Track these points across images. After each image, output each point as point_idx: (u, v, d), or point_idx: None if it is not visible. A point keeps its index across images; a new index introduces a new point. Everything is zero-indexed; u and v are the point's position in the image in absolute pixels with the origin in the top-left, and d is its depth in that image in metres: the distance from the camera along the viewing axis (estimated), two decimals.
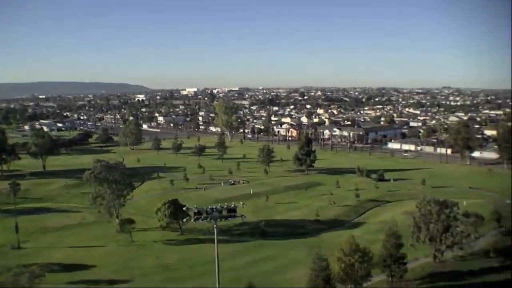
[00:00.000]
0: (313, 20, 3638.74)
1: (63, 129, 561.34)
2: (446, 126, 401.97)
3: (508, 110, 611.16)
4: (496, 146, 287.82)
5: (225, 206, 79.35)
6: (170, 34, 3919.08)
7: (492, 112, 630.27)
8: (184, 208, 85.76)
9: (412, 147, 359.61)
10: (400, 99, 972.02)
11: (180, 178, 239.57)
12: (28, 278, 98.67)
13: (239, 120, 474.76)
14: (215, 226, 78.44)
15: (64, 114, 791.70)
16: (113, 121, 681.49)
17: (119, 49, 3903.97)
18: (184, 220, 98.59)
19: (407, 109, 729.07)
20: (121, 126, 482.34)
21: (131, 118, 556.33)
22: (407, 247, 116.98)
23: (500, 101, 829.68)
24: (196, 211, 77.55)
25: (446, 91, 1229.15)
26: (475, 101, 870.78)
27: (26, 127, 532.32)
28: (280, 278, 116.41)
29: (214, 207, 78.05)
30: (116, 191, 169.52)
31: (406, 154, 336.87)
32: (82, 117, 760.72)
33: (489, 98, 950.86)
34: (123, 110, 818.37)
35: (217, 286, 79.70)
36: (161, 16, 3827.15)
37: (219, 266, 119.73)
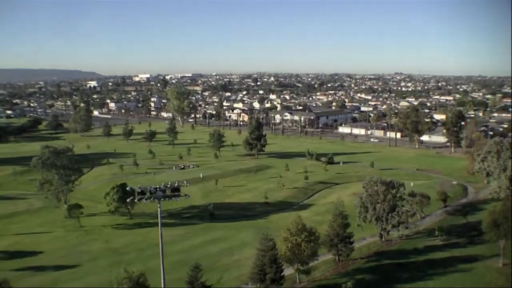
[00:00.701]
0: (267, 5, 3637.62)
1: (12, 116, 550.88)
2: (396, 111, 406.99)
3: (457, 95, 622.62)
4: (444, 130, 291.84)
5: (168, 185, 78.48)
6: (123, 20, 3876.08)
7: (443, 97, 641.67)
8: (127, 188, 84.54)
9: (363, 131, 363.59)
10: (353, 85, 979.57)
11: (130, 164, 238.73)
12: None
13: (190, 106, 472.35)
14: (158, 206, 77.72)
15: (14, 101, 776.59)
16: (64, 108, 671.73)
17: (71, 35, 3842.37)
18: (128, 200, 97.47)
19: (359, 95, 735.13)
20: (72, 112, 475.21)
21: (82, 104, 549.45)
22: (354, 227, 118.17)
23: (450, 87, 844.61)
24: (139, 191, 76.62)
25: (398, 77, 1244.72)
26: (426, 87, 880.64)
27: None
28: (227, 260, 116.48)
29: (157, 186, 77.27)
30: (64, 176, 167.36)
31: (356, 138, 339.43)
32: (32, 104, 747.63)
33: (439, 84, 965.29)
34: (74, 96, 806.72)
35: (162, 267, 78.63)
36: (113, 4, 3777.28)
37: (167, 249, 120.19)
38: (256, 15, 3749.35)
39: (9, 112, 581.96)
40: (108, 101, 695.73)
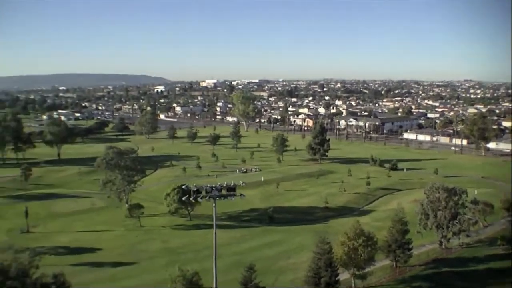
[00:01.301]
0: (334, 12, 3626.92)
1: (80, 118, 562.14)
2: (463, 118, 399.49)
3: None
4: None
5: (224, 185, 78.40)
6: (191, 27, 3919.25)
7: None
8: (183, 187, 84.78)
9: (428, 138, 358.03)
10: (420, 92, 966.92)
11: (193, 166, 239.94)
12: (28, 256, 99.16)
13: (255, 110, 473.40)
14: (214, 205, 77.74)
15: (83, 104, 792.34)
16: (130, 111, 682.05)
17: (141, 41, 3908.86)
18: (183, 198, 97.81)
19: (426, 101, 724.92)
20: (138, 116, 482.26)
21: (148, 108, 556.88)
22: (414, 234, 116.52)
23: None
24: (195, 189, 76.76)
25: (467, 84, 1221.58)
26: (495, 94, 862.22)
27: (44, 117, 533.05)
28: (283, 263, 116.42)
29: (213, 185, 77.29)
30: (127, 177, 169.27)
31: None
32: (100, 108, 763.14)
33: (510, 91, 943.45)
34: (141, 100, 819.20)
35: (214, 267, 78.64)
36: (182, 9, 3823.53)
37: (224, 250, 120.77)
38: (323, 22, 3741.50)
39: (77, 114, 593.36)
40: (175, 105, 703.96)
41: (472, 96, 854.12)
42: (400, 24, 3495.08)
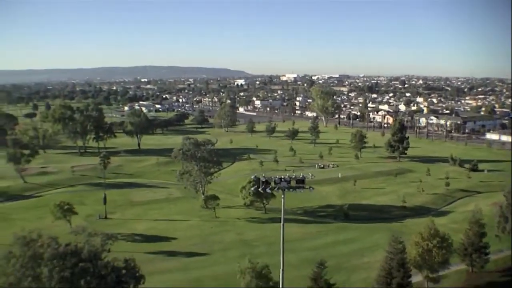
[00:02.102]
0: (418, 9, 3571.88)
1: (160, 110, 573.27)
2: None
3: None
4: None
5: (293, 177, 77.69)
6: (273, 21, 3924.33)
7: None
8: (252, 177, 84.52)
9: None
10: (504, 90, 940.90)
11: (270, 160, 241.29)
12: (101, 239, 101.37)
13: (335, 106, 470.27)
14: (282, 196, 77.22)
15: (164, 96, 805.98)
16: (210, 104, 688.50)
17: (223, 35, 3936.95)
18: (252, 189, 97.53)
19: (510, 100, 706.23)
20: (218, 109, 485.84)
21: (228, 101, 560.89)
22: (493, 237, 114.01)
23: None
24: (264, 180, 76.42)
25: None
26: None
27: (126, 108, 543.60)
28: (357, 261, 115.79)
29: (282, 177, 76.69)
30: (203, 168, 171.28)
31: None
32: (180, 100, 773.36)
33: None
34: (221, 93, 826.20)
35: (282, 260, 78.11)
36: (265, 3, 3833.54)
37: (298, 245, 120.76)
38: (405, 19, 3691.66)
39: (158, 106, 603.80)
40: (254, 98, 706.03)
41: None
42: (482, 17, 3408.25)
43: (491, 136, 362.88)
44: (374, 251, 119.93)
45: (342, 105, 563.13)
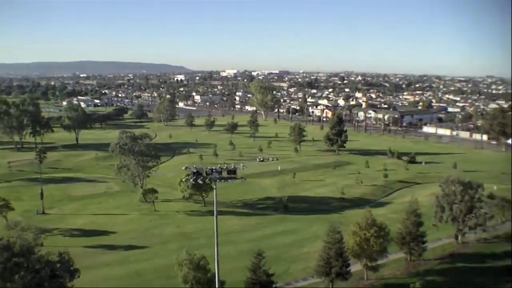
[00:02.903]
0: (357, 6, 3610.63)
1: (99, 105, 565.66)
2: (483, 112, 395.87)
3: None
4: None
5: (224, 167, 76.97)
6: (213, 16, 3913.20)
7: None
8: (183, 168, 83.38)
9: (448, 132, 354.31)
10: (441, 86, 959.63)
11: (210, 154, 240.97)
12: (33, 234, 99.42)
13: (274, 100, 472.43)
14: (214, 187, 76.56)
15: (103, 91, 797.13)
16: (150, 99, 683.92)
17: (162, 30, 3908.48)
18: (183, 179, 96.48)
19: (447, 96, 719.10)
20: (157, 103, 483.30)
21: (167, 96, 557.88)
22: (430, 227, 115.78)
23: None
24: (195, 171, 75.53)
25: (490, 80, 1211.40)
26: None
27: (64, 103, 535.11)
28: (296, 251, 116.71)
29: (213, 168, 75.89)
30: (141, 162, 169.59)
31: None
32: (120, 95, 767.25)
33: None
34: (161, 89, 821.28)
35: (216, 252, 77.52)
36: (205, 1, 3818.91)
37: (237, 237, 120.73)
38: (345, 15, 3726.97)
39: (97, 101, 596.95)
40: (194, 93, 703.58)
41: (494, 91, 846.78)
42: (422, 17, 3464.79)
43: (428, 129, 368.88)
44: (313, 241, 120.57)
45: (282, 100, 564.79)
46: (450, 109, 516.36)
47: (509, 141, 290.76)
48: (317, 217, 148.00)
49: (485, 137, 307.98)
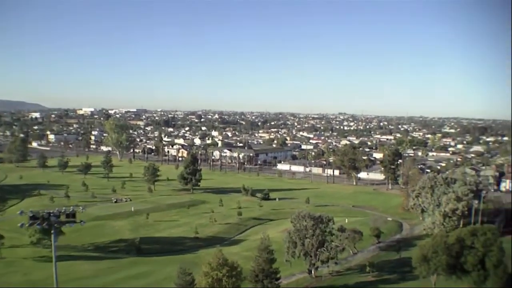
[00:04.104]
0: (214, 43, 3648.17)
1: None
2: (334, 149, 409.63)
3: (398, 135, 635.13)
4: (382, 168, 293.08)
5: (63, 211, 73.79)
6: (69, 52, 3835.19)
7: (384, 136, 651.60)
8: (18, 213, 79.74)
9: (301, 169, 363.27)
10: (296, 123, 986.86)
11: (61, 196, 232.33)
12: None
13: (129, 139, 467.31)
14: (53, 232, 73.23)
15: None
16: (2, 138, 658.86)
17: (16, 66, 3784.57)
18: (19, 225, 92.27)
19: (301, 133, 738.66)
20: (8, 143, 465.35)
21: (21, 135, 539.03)
22: (283, 262, 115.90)
23: (392, 127, 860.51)
24: (31, 215, 71.89)
25: (342, 117, 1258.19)
26: (368, 127, 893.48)
27: None
28: None
29: (51, 211, 72.62)
30: None
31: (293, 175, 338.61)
32: None
33: (381, 124, 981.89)
34: (15, 127, 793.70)
35: None
36: (59, 33, 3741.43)
37: (90, 283, 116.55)
38: (201, 51, 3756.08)
39: None
40: (48, 132, 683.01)
41: (346, 128, 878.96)
42: (276, 57, 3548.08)
43: (282, 166, 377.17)
44: (168, 283, 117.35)
45: (138, 139, 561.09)
46: (303, 146, 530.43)
47: (359, 175, 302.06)
48: (171, 258, 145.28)
49: (336, 172, 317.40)
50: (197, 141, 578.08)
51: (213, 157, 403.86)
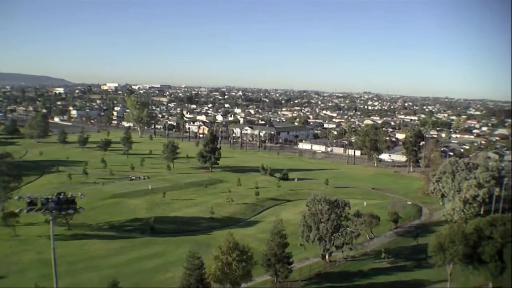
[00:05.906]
0: (239, 20, 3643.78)
1: None
2: (357, 128, 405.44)
3: (422, 116, 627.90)
4: (404, 149, 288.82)
5: (61, 197, 71.78)
6: (94, 27, 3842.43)
7: (408, 117, 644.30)
8: (16, 198, 78.13)
9: (323, 148, 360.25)
10: (320, 102, 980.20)
11: (80, 173, 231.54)
12: None
13: (150, 115, 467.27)
14: (51, 218, 71.36)
15: None
16: (25, 113, 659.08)
17: (43, 40, 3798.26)
18: (17, 211, 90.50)
19: (324, 112, 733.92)
20: (30, 119, 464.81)
21: (44, 110, 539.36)
22: (298, 247, 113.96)
23: (416, 108, 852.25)
24: (29, 201, 69.93)
25: (366, 96, 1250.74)
26: (392, 107, 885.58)
27: None
28: (161, 276, 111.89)
29: (50, 197, 70.69)
30: (2, 183, 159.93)
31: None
32: None
33: (406, 104, 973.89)
34: (38, 102, 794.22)
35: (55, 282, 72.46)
36: (86, 12, 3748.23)
37: (100, 263, 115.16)
38: (228, 29, 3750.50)
39: None
40: (71, 108, 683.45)
41: (370, 107, 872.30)
42: (303, 34, 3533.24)
43: (303, 145, 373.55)
44: (179, 265, 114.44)
45: (160, 116, 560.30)
46: (326, 125, 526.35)
47: (380, 157, 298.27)
48: (185, 238, 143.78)
49: (358, 153, 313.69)
50: (219, 118, 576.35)
51: (234, 135, 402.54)
